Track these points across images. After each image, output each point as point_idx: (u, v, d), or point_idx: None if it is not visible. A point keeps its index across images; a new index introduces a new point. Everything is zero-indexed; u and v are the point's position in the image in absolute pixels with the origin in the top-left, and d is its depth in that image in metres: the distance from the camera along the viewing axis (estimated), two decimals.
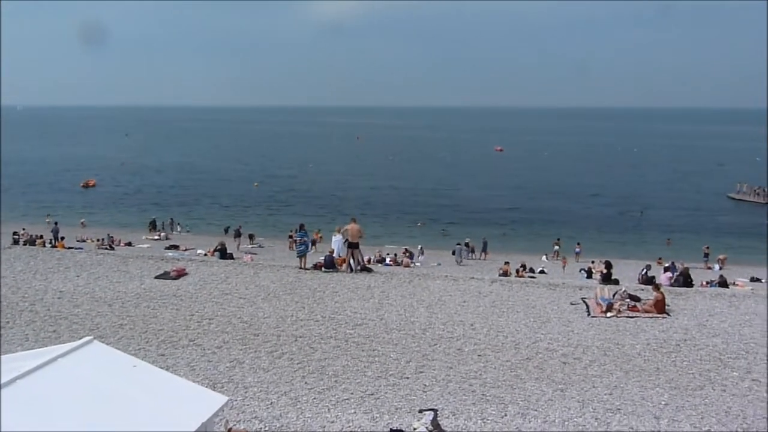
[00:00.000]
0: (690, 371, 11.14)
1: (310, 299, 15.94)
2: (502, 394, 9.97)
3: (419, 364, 11.32)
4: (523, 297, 16.54)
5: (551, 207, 57.89)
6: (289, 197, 61.31)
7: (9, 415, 4.38)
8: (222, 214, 51.09)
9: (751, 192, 61.59)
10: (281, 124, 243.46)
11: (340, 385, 10.25)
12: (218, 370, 10.80)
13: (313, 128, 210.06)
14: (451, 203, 58.61)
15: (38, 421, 4.56)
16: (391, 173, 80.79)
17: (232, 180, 72.60)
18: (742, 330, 13.71)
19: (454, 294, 16.76)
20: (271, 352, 11.80)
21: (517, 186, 70.82)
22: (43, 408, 4.72)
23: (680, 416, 9.19)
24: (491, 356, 11.80)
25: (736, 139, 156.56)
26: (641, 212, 54.28)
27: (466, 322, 14.01)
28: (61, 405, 4.82)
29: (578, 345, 12.51)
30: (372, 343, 12.44)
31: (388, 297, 16.35)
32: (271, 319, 14.01)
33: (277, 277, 18.49)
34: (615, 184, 72.55)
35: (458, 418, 9.04)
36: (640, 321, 14.37)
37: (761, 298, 16.98)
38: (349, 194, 63.33)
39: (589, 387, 10.33)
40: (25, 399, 4.69)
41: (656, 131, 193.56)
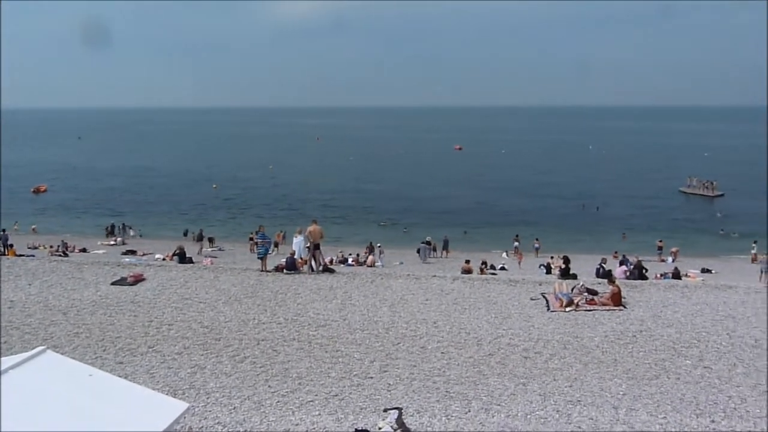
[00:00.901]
0: (646, 361, 11.44)
1: (272, 302, 15.81)
2: (465, 390, 10.07)
3: (383, 363, 11.34)
4: (484, 294, 16.73)
5: (510, 204, 58.76)
6: (250, 199, 60.67)
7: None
8: (180, 217, 50.25)
9: (701, 186, 63.66)
10: (241, 125, 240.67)
11: (304, 387, 10.20)
12: (179, 376, 10.62)
13: (272, 129, 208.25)
14: (411, 203, 58.87)
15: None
16: (352, 174, 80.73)
17: (191, 182, 71.45)
18: (694, 320, 14.17)
19: (416, 293, 16.84)
20: (233, 356, 11.66)
21: (475, 184, 71.58)
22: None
23: (637, 405, 9.43)
24: (454, 353, 11.90)
25: (694, 135, 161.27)
26: (597, 208, 55.53)
27: (428, 320, 14.10)
28: (14, 418, 4.67)
29: (539, 339, 12.72)
30: (335, 344, 12.41)
31: (351, 297, 16.33)
32: (232, 322, 13.84)
33: (238, 280, 18.27)
34: (572, 180, 73.99)
35: (423, 415, 9.09)
36: (598, 314, 14.71)
37: (712, 289, 17.58)
38: (310, 195, 63.04)
39: (550, 380, 10.51)
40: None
41: (619, 128, 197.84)
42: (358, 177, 77.35)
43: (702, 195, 62.17)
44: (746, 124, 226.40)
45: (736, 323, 13.89)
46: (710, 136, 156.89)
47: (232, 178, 75.41)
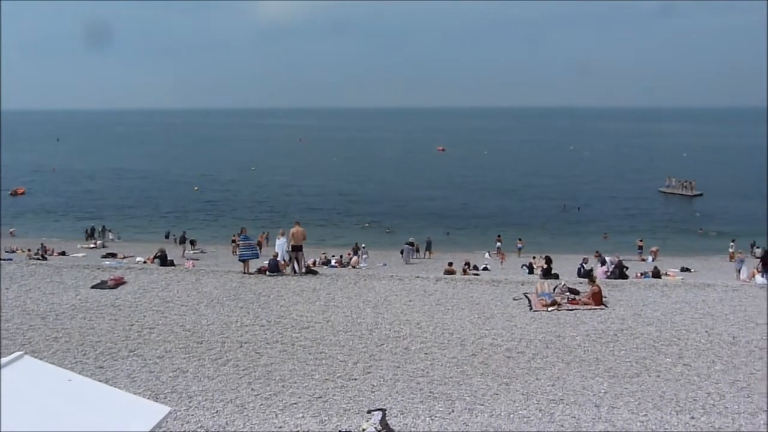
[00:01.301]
0: (627, 359, 11.56)
1: (255, 304, 15.72)
2: (449, 390, 10.09)
3: (366, 364, 11.33)
4: (467, 294, 16.79)
5: (492, 205, 59.09)
6: (232, 201, 60.39)
7: None
8: (161, 220, 49.85)
9: (680, 185, 64.52)
10: (222, 126, 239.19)
11: (288, 389, 10.16)
12: (161, 380, 10.52)
13: (254, 130, 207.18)
14: (394, 204, 58.96)
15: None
16: (335, 175, 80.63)
17: (172, 185, 70.89)
18: (674, 318, 14.34)
19: (399, 294, 16.86)
20: (216, 359, 11.58)
21: (458, 185, 71.90)
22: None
23: (619, 403, 9.53)
24: (438, 354, 11.93)
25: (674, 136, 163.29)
26: (578, 208, 56.06)
27: (412, 321, 14.11)
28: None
29: (521, 339, 12.79)
30: (319, 346, 12.38)
31: (334, 299, 16.30)
32: (214, 325, 13.74)
33: (220, 282, 18.14)
34: (554, 181, 74.54)
35: (406, 416, 9.10)
36: (580, 313, 14.83)
37: (691, 287, 17.81)
38: (293, 197, 62.87)
39: (533, 379, 10.58)
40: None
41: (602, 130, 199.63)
42: (340, 178, 77.28)
43: (681, 195, 63.01)
44: (730, 124, 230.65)
45: (715, 321, 14.09)
46: (690, 136, 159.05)
47: (214, 179, 74.98)
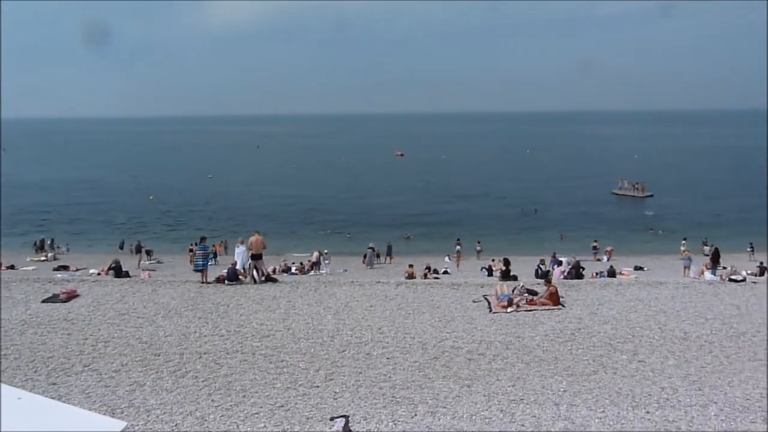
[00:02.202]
0: (584, 358, 11.80)
1: (214, 314, 15.48)
2: (411, 394, 10.12)
3: (329, 371, 11.27)
4: (428, 298, 16.88)
5: (452, 209, 59.65)
6: (188, 210, 59.41)
7: None
8: (115, 230, 48.64)
9: (631, 187, 66.38)
10: (178, 134, 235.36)
11: (249, 399, 10.02)
12: (117, 394, 10.24)
13: (210, 138, 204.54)
14: (354, 210, 59.00)
15: None
16: (293, 182, 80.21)
17: (126, 194, 69.33)
18: (628, 316, 14.71)
19: (360, 299, 16.84)
20: (174, 371, 11.34)
21: (418, 190, 72.40)
22: None
23: (577, 401, 9.71)
24: (399, 358, 11.95)
25: (627, 139, 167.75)
26: (536, 210, 57.09)
27: (373, 327, 14.11)
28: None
29: (482, 341, 12.92)
30: (280, 354, 12.25)
31: (295, 306, 16.18)
32: (172, 337, 13.46)
33: (177, 293, 17.81)
34: (511, 185, 75.75)
35: (369, 422, 9.08)
36: (538, 314, 15.07)
37: (644, 286, 18.32)
38: (252, 205, 62.23)
39: (494, 380, 10.69)
40: None
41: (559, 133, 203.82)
42: (299, 185, 76.92)
43: (633, 196, 64.79)
44: (687, 126, 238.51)
45: (667, 317, 14.51)
46: (643, 139, 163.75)
47: (170, 188, 73.68)
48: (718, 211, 56.04)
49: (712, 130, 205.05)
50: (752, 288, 17.77)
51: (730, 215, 54.03)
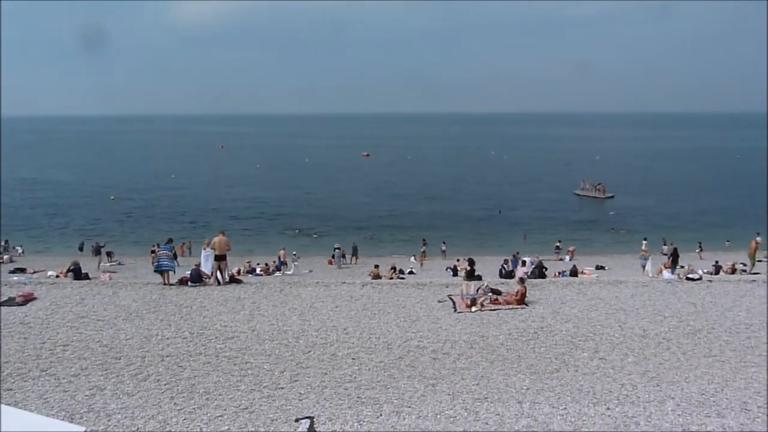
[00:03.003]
0: (547, 356, 11.99)
1: (177, 316, 15.24)
2: (376, 394, 10.14)
3: (293, 372, 11.21)
4: (393, 298, 16.94)
5: (417, 209, 59.91)
6: (151, 211, 58.30)
7: None
8: (75, 231, 47.44)
9: (593, 188, 67.66)
10: (140, 133, 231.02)
11: (212, 402, 9.90)
12: (76, 399, 10.00)
13: (174, 137, 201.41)
14: (320, 210, 58.76)
15: None
16: (258, 182, 79.50)
17: (86, 195, 67.70)
18: (589, 314, 15.01)
19: (326, 300, 16.80)
20: (136, 375, 11.14)
21: (384, 190, 72.50)
22: None
23: (540, 398, 9.86)
24: (365, 358, 11.96)
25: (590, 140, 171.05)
26: (500, 211, 57.72)
27: (339, 327, 14.09)
28: None
29: (446, 340, 13.02)
30: (244, 356, 12.14)
31: (259, 308, 16.05)
32: (134, 340, 13.21)
33: (139, 295, 17.48)
34: (475, 185, 76.45)
35: (335, 423, 9.06)
36: (502, 313, 15.26)
37: (605, 284, 18.72)
38: (215, 205, 61.45)
39: (458, 379, 10.78)
40: None
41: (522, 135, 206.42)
42: (264, 186, 76.28)
43: (594, 197, 66.04)
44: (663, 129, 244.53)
45: (627, 315, 14.85)
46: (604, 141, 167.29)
47: (132, 188, 72.26)
48: (677, 212, 57.54)
49: (685, 133, 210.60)
50: (708, 286, 18.32)
51: (689, 216, 55.54)
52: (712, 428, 8.62)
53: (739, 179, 79.96)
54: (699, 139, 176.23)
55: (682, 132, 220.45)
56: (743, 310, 15.22)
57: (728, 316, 14.66)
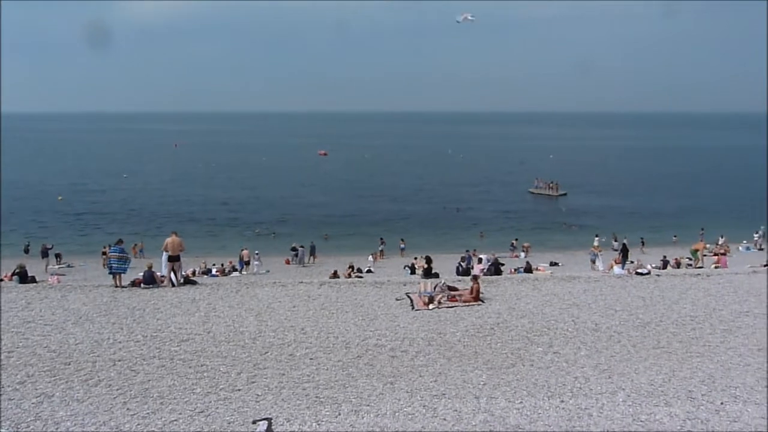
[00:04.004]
0: (503, 351, 12.17)
1: (129, 319, 14.88)
2: (335, 394, 10.11)
3: (251, 374, 11.08)
4: (351, 297, 16.92)
5: (375, 207, 60.06)
6: (102, 211, 56.76)
7: None
8: (21, 233, 45.77)
9: (546, 186, 69.06)
10: (90, 132, 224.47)
11: (167, 406, 9.70)
12: (22, 408, 9.65)
13: (125, 136, 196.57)
14: (277, 210, 58.29)
15: None
16: (213, 182, 78.33)
17: (32, 195, 65.37)
18: (544, 309, 15.31)
19: (283, 300, 16.66)
20: (86, 380, 10.82)
21: (342, 189, 72.39)
22: None
23: (497, 393, 10.00)
24: (323, 358, 11.92)
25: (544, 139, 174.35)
26: (457, 209, 58.31)
27: (296, 327, 14.00)
28: None
29: (404, 338, 13.08)
30: (200, 359, 11.93)
31: (215, 309, 15.80)
32: (84, 344, 12.83)
33: (89, 298, 16.99)
34: (432, 184, 77.04)
35: (293, 423, 9.00)
36: (459, 310, 15.42)
37: (559, 280, 19.11)
38: (170, 205, 60.27)
39: (417, 377, 10.85)
40: None
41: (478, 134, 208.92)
42: (220, 185, 75.23)
43: (548, 195, 67.42)
44: (602, 128, 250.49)
45: (580, 310, 15.21)
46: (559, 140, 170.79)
47: (81, 189, 70.22)
48: (627, 209, 59.21)
49: (641, 133, 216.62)
50: (656, 280, 18.91)
51: (638, 212, 57.23)
52: (660, 417, 8.90)
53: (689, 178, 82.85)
54: (655, 138, 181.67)
55: (639, 132, 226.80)
56: (688, 303, 15.77)
57: (675, 309, 15.18)
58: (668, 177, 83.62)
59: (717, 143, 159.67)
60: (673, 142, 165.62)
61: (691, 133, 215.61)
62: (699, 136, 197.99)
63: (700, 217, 50.82)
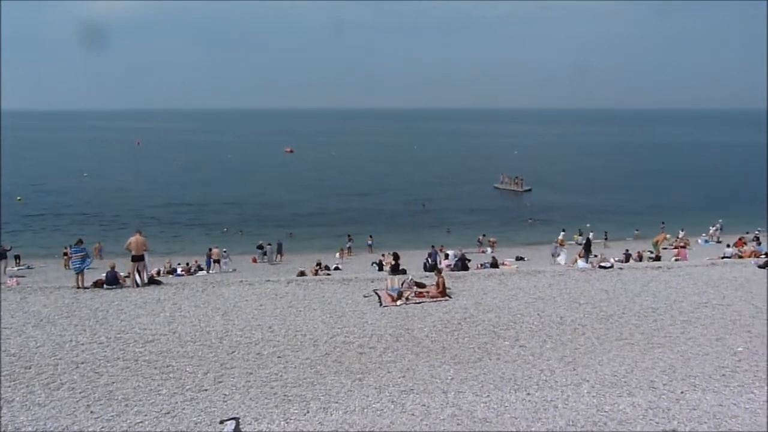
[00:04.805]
0: (470, 346, 12.30)
1: (92, 320, 14.57)
2: (303, 392, 10.08)
3: (217, 374, 10.97)
4: (319, 294, 16.87)
5: (343, 205, 59.93)
6: (62, 212, 55.35)
7: None
8: None
9: (511, 182, 69.84)
10: (48, 130, 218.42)
11: (132, 408, 9.54)
12: None
13: (86, 134, 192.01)
14: (244, 208, 57.72)
15: None
16: (178, 180, 77.13)
17: None
18: (510, 304, 15.51)
19: (250, 299, 16.53)
20: (48, 384, 10.57)
21: (309, 186, 71.99)
22: None
23: (464, 387, 10.10)
24: (291, 356, 11.87)
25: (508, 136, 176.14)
26: (423, 205, 58.58)
27: (264, 326, 13.91)
28: None
29: (372, 335, 13.11)
30: (165, 359, 11.76)
31: (181, 309, 15.59)
32: (45, 347, 12.53)
33: (50, 300, 16.60)
34: (399, 180, 77.18)
35: (261, 422, 8.94)
36: (427, 306, 15.51)
37: (524, 275, 19.38)
38: (133, 205, 59.11)
39: (385, 373, 10.89)
40: None
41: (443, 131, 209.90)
42: (184, 184, 74.11)
43: (513, 191, 68.18)
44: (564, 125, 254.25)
45: (545, 304, 15.45)
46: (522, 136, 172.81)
47: (41, 188, 68.39)
48: (591, 204, 60.27)
49: (609, 129, 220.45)
50: (619, 273, 19.32)
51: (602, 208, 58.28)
52: (623, 407, 9.10)
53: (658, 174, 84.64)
54: (633, 135, 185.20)
55: (606, 128, 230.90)
56: (650, 295, 16.16)
57: (637, 301, 15.53)
58: (636, 174, 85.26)
59: (697, 139, 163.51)
60: (651, 138, 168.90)
61: (671, 130, 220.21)
62: (679, 132, 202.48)
63: (663, 211, 52.00)
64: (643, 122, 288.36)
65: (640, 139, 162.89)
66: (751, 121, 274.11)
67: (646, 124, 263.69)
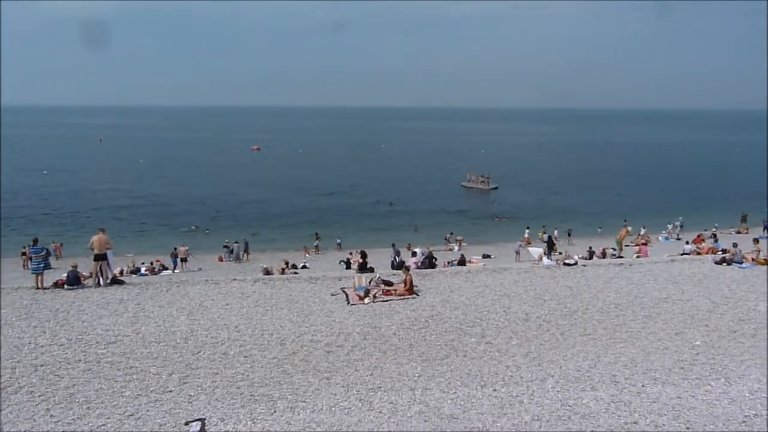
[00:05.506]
0: (437, 343, 12.37)
1: (52, 321, 14.21)
2: (270, 391, 10.01)
3: (182, 374, 10.82)
4: (286, 293, 16.76)
5: (310, 203, 59.66)
6: (20, 211, 53.81)
7: None
8: None
9: (478, 180, 70.50)
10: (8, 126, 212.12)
11: (94, 411, 9.34)
12: None
13: (45, 130, 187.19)
14: (209, 206, 57.02)
15: None
16: (142, 178, 75.78)
17: None
18: (476, 301, 15.64)
19: (216, 298, 16.33)
20: (5, 388, 10.27)
21: (276, 184, 71.53)
22: None
23: (431, 384, 10.16)
24: (258, 356, 11.77)
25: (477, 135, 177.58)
26: (390, 203, 58.70)
27: (230, 325, 13.76)
28: None
29: (340, 333, 13.09)
30: (128, 361, 11.55)
31: (144, 309, 15.31)
32: (2, 350, 12.17)
33: (7, 301, 16.11)
34: (367, 179, 77.19)
35: (227, 423, 8.86)
36: (394, 303, 15.55)
37: (491, 272, 19.55)
38: (95, 203, 57.85)
39: (353, 371, 10.88)
40: None
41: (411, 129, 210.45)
42: (148, 181, 72.86)
43: (480, 189, 68.82)
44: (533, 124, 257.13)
45: (511, 301, 15.62)
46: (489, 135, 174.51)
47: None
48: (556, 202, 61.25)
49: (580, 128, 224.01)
50: (582, 270, 19.65)
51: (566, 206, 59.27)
52: (586, 401, 9.28)
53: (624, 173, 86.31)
54: (591, 134, 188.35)
55: (577, 127, 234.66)
56: (613, 292, 16.48)
57: (600, 298, 15.83)
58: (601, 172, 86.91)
59: (668, 139, 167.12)
60: (621, 138, 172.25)
61: (643, 129, 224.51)
62: (650, 132, 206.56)
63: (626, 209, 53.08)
64: (617, 122, 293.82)
65: (610, 139, 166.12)
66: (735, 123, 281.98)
67: (619, 124, 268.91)
